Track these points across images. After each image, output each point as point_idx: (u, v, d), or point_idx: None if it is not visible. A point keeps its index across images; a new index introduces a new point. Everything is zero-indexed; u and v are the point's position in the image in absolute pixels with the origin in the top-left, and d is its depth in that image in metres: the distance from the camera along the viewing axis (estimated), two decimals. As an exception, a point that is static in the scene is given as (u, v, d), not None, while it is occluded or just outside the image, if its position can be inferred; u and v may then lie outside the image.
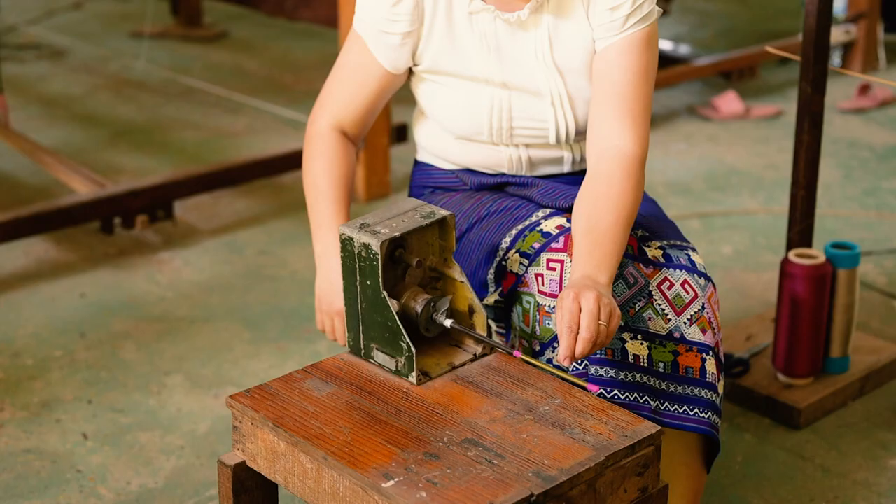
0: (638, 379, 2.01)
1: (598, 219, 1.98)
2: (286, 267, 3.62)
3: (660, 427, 1.80)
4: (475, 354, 1.98)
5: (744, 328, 3.04)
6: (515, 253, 2.11)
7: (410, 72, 2.23)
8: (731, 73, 5.29)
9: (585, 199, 2.02)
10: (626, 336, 2.02)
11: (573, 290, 1.84)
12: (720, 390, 2.08)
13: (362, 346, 1.98)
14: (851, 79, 5.23)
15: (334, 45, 4.90)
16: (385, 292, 1.89)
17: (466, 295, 1.98)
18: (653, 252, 2.09)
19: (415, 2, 2.11)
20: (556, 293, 2.05)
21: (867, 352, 2.93)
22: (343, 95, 2.22)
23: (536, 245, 2.08)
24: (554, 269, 2.06)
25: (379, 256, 1.87)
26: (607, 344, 1.86)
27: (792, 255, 2.74)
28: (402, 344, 1.90)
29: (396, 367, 1.92)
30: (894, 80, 5.40)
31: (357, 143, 2.28)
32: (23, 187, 4.23)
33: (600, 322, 1.83)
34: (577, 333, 1.82)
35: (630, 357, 2.01)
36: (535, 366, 1.92)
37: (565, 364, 1.83)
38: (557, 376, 1.91)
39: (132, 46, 6.06)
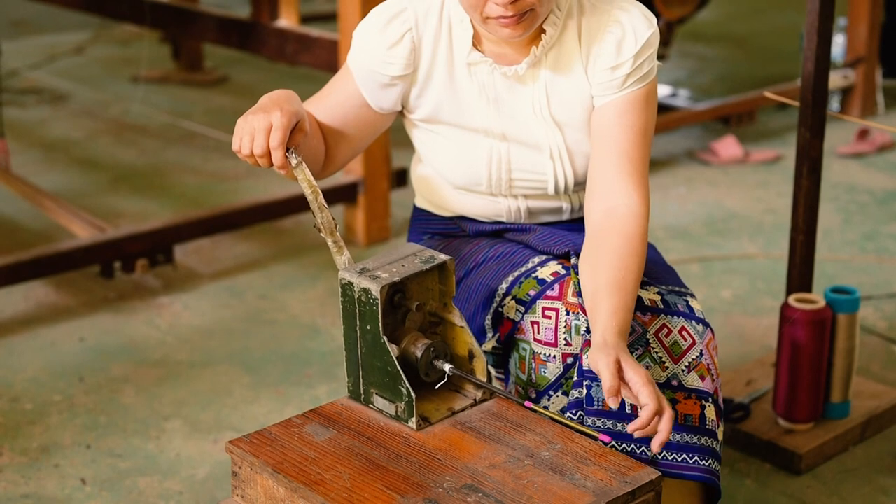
0: (636, 430, 2.00)
1: (624, 276, 1.97)
2: (286, 311, 3.61)
3: (660, 473, 1.80)
4: (475, 400, 1.97)
5: (744, 373, 3.03)
6: (512, 300, 2.10)
7: (404, 118, 2.23)
8: (730, 117, 5.31)
9: (605, 254, 2.00)
10: (623, 386, 2.01)
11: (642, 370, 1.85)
12: (720, 437, 2.07)
13: (362, 391, 1.97)
14: (850, 123, 5.25)
15: (335, 90, 4.91)
16: (385, 337, 1.89)
17: (466, 340, 1.97)
18: (651, 297, 2.09)
19: (412, 46, 2.11)
20: (552, 341, 2.04)
21: (868, 397, 2.93)
22: (318, 109, 2.18)
23: (532, 292, 2.08)
24: (549, 318, 2.05)
25: (379, 301, 1.87)
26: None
27: (792, 300, 2.73)
28: (402, 389, 1.89)
29: (396, 412, 1.92)
30: (893, 124, 5.41)
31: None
32: (23, 231, 4.23)
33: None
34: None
35: (627, 407, 2.00)
36: (542, 415, 1.91)
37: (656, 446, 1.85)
38: (558, 422, 1.90)
39: (133, 91, 6.08)
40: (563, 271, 2.10)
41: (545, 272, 2.11)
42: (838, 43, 5.54)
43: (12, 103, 5.77)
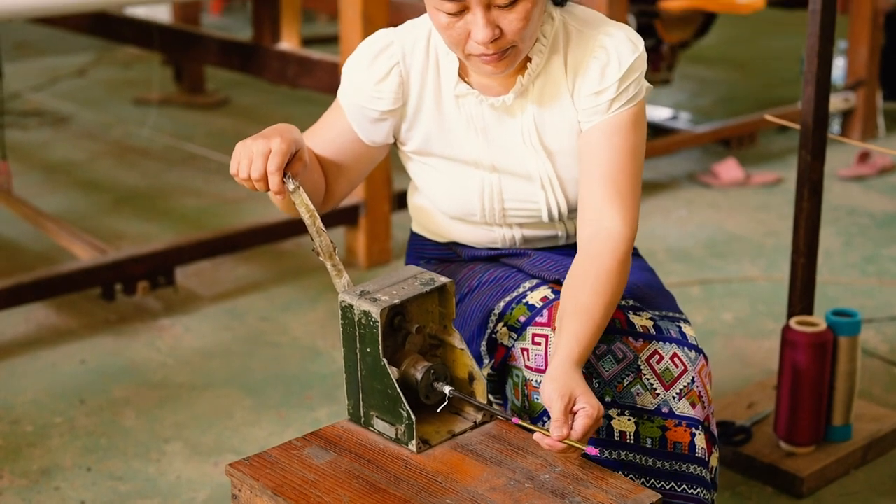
0: (623, 457, 2.00)
1: (589, 302, 1.95)
2: (287, 333, 3.61)
3: (660, 496, 1.79)
4: (475, 422, 1.97)
5: (745, 396, 3.03)
6: (504, 326, 2.10)
7: (398, 149, 2.22)
8: (731, 140, 5.32)
9: (577, 280, 1.99)
10: (612, 413, 2.00)
11: (598, 405, 1.84)
12: (712, 464, 2.06)
13: (362, 414, 1.97)
14: (851, 146, 5.26)
15: (336, 113, 4.92)
16: (385, 360, 1.89)
17: (466, 362, 1.97)
18: (643, 322, 2.08)
19: (399, 80, 2.11)
20: (542, 368, 2.03)
21: (869, 420, 2.92)
22: (314, 143, 2.18)
23: (522, 319, 2.07)
24: (539, 344, 2.05)
25: (379, 324, 1.87)
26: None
27: (793, 323, 2.73)
28: (402, 411, 1.89)
29: (396, 434, 1.92)
30: (893, 147, 5.42)
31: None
32: (24, 253, 4.24)
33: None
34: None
35: (616, 434, 1.99)
36: (533, 431, 1.91)
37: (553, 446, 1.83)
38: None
39: (135, 113, 6.10)
40: (552, 296, 2.09)
41: (535, 297, 2.10)
42: (839, 66, 5.55)
43: (14, 125, 5.78)
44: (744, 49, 7.62)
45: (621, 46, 2.05)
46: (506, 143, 2.12)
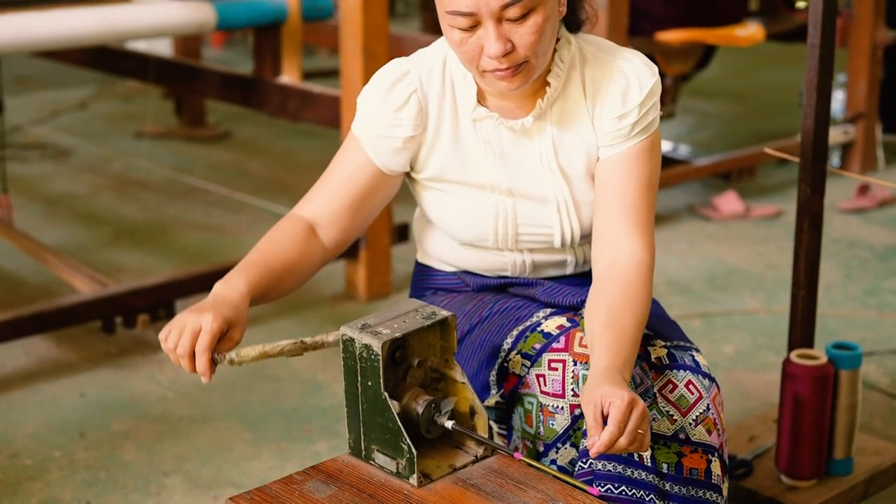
0: (644, 477, 1.99)
1: (618, 317, 1.96)
2: (287, 367, 3.61)
3: (663, 530, 1.79)
4: (476, 456, 1.97)
5: (746, 429, 3.02)
6: (517, 354, 2.10)
7: (409, 177, 2.23)
8: (731, 173, 5.32)
9: (602, 299, 2.00)
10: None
11: (628, 395, 1.81)
12: (725, 493, 2.06)
13: (363, 448, 1.97)
14: (851, 179, 5.26)
15: (336, 146, 4.92)
16: (386, 393, 1.89)
17: (468, 396, 1.97)
18: (657, 352, 2.08)
19: (419, 107, 2.12)
20: (559, 393, 2.04)
21: (871, 453, 2.91)
22: (324, 190, 2.17)
23: (537, 346, 2.08)
24: (556, 370, 2.05)
25: (380, 357, 1.86)
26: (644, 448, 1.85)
27: (793, 356, 2.73)
28: (403, 445, 1.89)
29: (397, 468, 1.91)
30: (893, 180, 5.43)
31: (330, 244, 2.17)
32: (25, 286, 4.24)
33: (639, 432, 1.81)
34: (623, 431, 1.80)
35: (635, 455, 1.99)
36: (536, 468, 1.91)
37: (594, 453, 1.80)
38: (559, 478, 1.90)
39: (136, 146, 6.11)
40: (568, 324, 2.10)
41: (550, 325, 2.11)
42: (838, 99, 5.57)
43: (16, 158, 5.79)
44: (743, 82, 7.65)
45: (640, 71, 2.08)
46: (523, 166, 2.13)
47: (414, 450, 1.88)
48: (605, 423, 1.80)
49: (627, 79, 2.08)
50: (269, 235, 2.12)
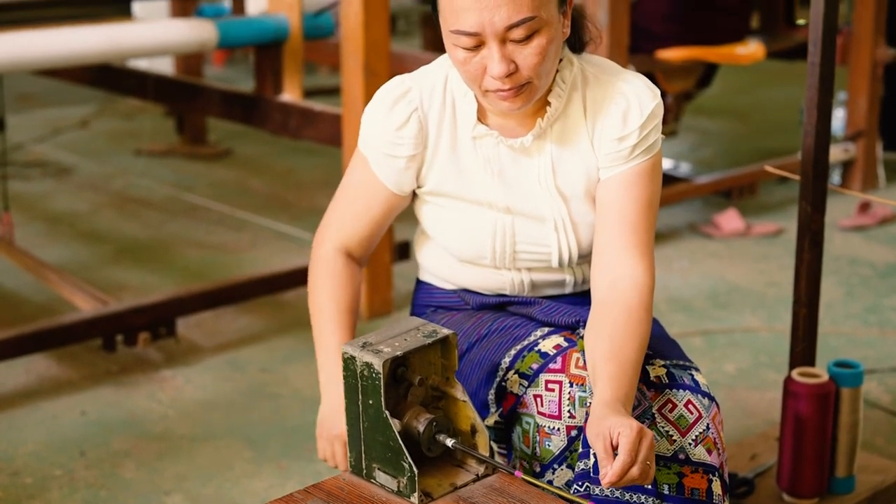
0: (643, 500, 1.99)
1: (621, 346, 1.96)
2: (288, 385, 3.61)
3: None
4: (477, 475, 1.96)
5: (748, 447, 3.01)
6: (514, 373, 2.10)
7: (414, 193, 2.23)
8: (732, 191, 5.33)
9: (604, 325, 2.00)
10: (629, 458, 2.00)
11: (637, 424, 1.82)
12: (725, 512, 2.06)
13: (364, 466, 1.96)
14: (851, 196, 5.27)
15: (337, 164, 4.94)
16: (387, 412, 1.88)
17: (469, 414, 1.97)
18: (656, 371, 2.08)
19: (419, 125, 2.12)
20: (556, 414, 2.03)
21: (873, 471, 2.91)
22: (348, 217, 2.23)
23: (535, 366, 2.08)
24: (552, 390, 2.05)
25: (381, 375, 1.86)
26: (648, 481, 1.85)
27: (795, 374, 2.73)
28: (404, 464, 1.88)
29: (398, 487, 1.91)
30: (894, 198, 5.43)
31: (363, 263, 2.29)
32: (26, 304, 4.24)
33: (647, 463, 1.81)
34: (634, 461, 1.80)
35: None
36: (536, 486, 1.91)
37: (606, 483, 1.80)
38: (559, 496, 1.89)
39: (137, 164, 6.11)
40: (565, 344, 2.10)
41: (547, 345, 2.11)
42: (838, 117, 5.57)
43: (17, 176, 5.80)
44: (744, 100, 7.66)
45: (641, 93, 2.08)
46: (521, 185, 2.13)
47: (415, 468, 1.87)
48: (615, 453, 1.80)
49: (628, 100, 2.09)
50: (336, 288, 2.24)
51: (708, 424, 2.06)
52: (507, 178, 2.14)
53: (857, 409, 2.78)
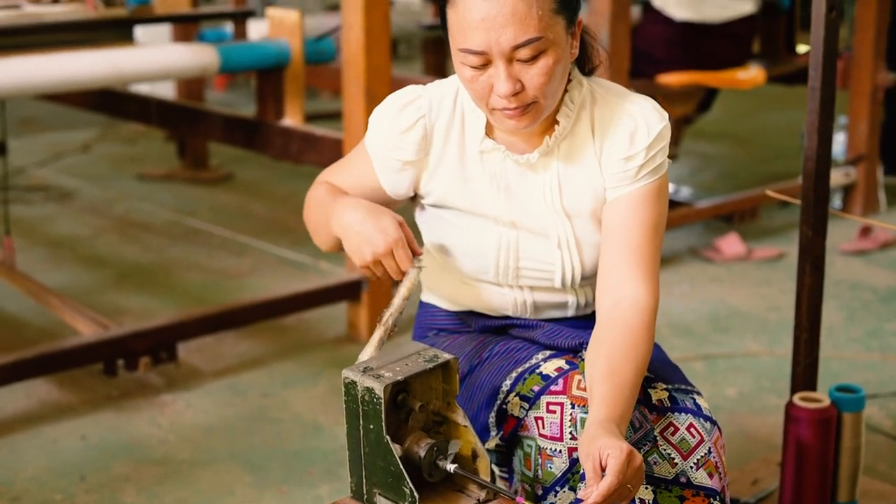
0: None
1: (619, 366, 1.96)
2: (289, 409, 3.60)
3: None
4: (479, 500, 1.96)
5: (749, 472, 3.01)
6: (515, 396, 2.10)
7: (414, 201, 2.24)
8: (733, 215, 5.33)
9: (603, 344, 2.01)
10: (630, 481, 2.00)
11: (626, 446, 1.82)
12: (726, 537, 2.06)
13: (365, 491, 1.96)
14: (853, 221, 5.27)
15: (339, 188, 4.94)
16: (388, 437, 1.88)
17: (470, 439, 1.97)
18: (658, 395, 2.08)
19: (423, 133, 2.14)
20: (557, 436, 2.03)
21: (875, 497, 2.90)
22: (343, 183, 2.25)
23: (536, 388, 2.08)
24: (554, 412, 2.05)
25: (382, 401, 1.86)
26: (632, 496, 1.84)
27: (796, 399, 2.72)
28: (405, 489, 1.88)
29: (399, 512, 1.91)
30: (895, 222, 5.43)
31: None
32: (27, 328, 4.24)
33: (628, 486, 1.81)
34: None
35: (636, 502, 1.99)
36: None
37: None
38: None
39: (139, 188, 6.12)
40: (567, 366, 2.10)
41: (549, 368, 2.11)
42: (839, 141, 5.58)
43: (19, 200, 5.80)
44: (745, 124, 7.67)
45: (649, 115, 2.09)
46: (527, 201, 2.14)
47: (416, 493, 1.87)
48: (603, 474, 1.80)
49: (636, 121, 2.09)
50: (330, 187, 2.24)
51: (710, 448, 2.05)
52: (514, 194, 2.14)
53: (858, 433, 2.78)
